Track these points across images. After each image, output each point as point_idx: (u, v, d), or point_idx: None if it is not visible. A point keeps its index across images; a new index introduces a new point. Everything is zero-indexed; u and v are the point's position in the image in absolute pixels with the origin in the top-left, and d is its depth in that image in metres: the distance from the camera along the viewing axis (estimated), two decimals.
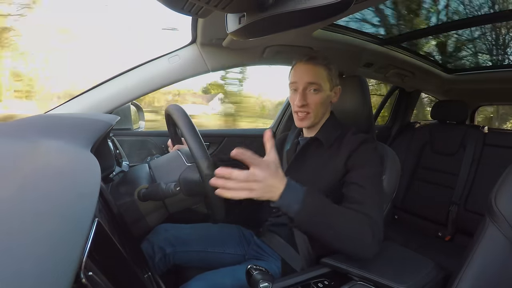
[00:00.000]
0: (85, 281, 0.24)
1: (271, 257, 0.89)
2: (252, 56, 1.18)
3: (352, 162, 0.79)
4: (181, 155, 0.81)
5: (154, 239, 0.91)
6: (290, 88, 0.89)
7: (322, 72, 0.84)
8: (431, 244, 1.56)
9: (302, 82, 0.84)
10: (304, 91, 0.84)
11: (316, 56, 0.86)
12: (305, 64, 0.85)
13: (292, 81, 0.87)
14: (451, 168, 1.71)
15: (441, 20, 1.35)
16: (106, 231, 0.34)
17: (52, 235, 0.22)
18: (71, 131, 0.56)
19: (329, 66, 0.86)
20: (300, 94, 0.83)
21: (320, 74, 0.84)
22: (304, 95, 0.84)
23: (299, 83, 0.84)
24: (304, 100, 0.83)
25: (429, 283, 0.66)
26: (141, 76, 1.06)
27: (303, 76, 0.84)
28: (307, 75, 0.84)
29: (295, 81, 0.85)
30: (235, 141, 1.51)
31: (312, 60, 0.85)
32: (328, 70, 0.85)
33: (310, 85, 0.83)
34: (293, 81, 0.86)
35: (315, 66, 0.84)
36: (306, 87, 0.84)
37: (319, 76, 0.84)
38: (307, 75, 0.84)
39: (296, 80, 0.85)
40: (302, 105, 0.83)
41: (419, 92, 2.13)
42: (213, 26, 0.93)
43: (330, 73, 0.86)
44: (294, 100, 0.85)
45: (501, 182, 0.65)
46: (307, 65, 0.85)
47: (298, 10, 0.37)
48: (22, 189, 0.26)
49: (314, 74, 0.83)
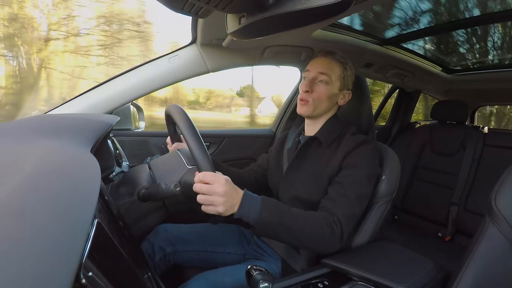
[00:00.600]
0: (85, 281, 0.24)
1: (271, 257, 0.89)
2: (252, 56, 1.18)
3: (346, 162, 0.80)
4: (181, 155, 0.81)
5: (154, 239, 0.91)
6: (302, 77, 0.90)
7: (336, 68, 0.86)
8: (431, 244, 1.56)
9: (314, 71, 0.86)
10: (312, 80, 0.85)
11: (336, 52, 0.88)
12: (323, 57, 0.87)
13: (305, 70, 0.88)
14: (451, 168, 1.71)
15: (441, 20, 1.35)
16: (106, 231, 0.34)
17: (52, 235, 0.22)
18: (71, 131, 0.56)
19: (345, 65, 0.87)
20: (308, 81, 0.85)
21: (334, 69, 0.85)
22: (311, 83, 0.85)
23: (311, 72, 0.86)
24: (310, 87, 0.85)
25: (429, 283, 0.66)
26: (141, 76, 1.06)
27: (316, 66, 0.86)
28: (321, 65, 0.85)
29: (308, 70, 0.87)
30: (235, 141, 1.50)
31: (330, 54, 0.87)
32: (343, 69, 0.87)
33: (320, 75, 0.85)
34: (306, 69, 0.88)
35: (331, 61, 0.86)
36: (316, 77, 0.85)
37: (331, 70, 0.85)
38: (321, 66, 0.85)
39: (309, 68, 0.87)
40: (306, 90, 0.85)
41: (419, 92, 2.13)
42: (213, 26, 0.93)
43: (345, 73, 0.87)
44: (302, 86, 0.87)
45: (501, 182, 0.65)
46: (325, 58, 0.87)
47: (298, 10, 0.37)
48: (22, 189, 0.26)
49: (327, 66, 0.85)
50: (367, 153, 0.80)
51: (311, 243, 0.72)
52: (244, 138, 1.55)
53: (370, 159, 0.81)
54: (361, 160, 0.79)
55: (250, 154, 1.53)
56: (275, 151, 1.03)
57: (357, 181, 0.77)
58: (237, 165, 1.13)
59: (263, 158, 1.10)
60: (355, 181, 0.77)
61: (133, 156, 1.25)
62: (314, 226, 0.70)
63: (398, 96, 2.16)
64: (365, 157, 0.80)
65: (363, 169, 0.78)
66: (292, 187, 0.87)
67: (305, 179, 0.85)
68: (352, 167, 0.78)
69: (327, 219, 0.72)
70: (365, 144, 0.81)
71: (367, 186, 0.79)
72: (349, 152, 0.80)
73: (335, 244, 0.72)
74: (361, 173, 0.78)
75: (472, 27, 1.38)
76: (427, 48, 1.69)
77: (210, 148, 1.44)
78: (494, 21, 1.29)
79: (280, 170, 0.95)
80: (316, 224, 0.70)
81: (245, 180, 1.03)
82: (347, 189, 0.76)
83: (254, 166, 1.09)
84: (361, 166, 0.78)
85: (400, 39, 1.44)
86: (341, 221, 0.72)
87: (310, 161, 0.87)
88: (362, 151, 0.80)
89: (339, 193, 0.76)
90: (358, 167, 0.78)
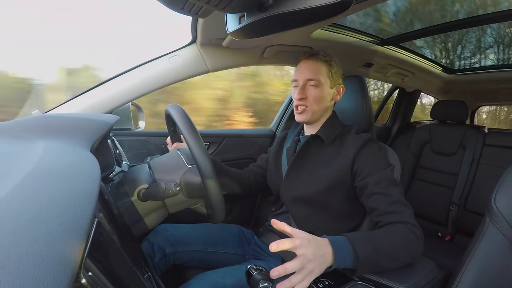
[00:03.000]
0: (85, 281, 0.24)
1: (271, 257, 0.89)
2: (252, 56, 1.18)
3: (361, 165, 0.78)
4: (181, 155, 0.81)
5: (154, 239, 0.91)
6: (292, 86, 0.90)
7: (322, 68, 0.85)
8: (431, 244, 1.56)
9: (302, 79, 0.85)
10: (303, 86, 0.85)
11: (318, 52, 0.87)
12: (306, 61, 0.87)
13: (293, 79, 0.88)
14: (451, 168, 1.71)
15: (441, 20, 1.35)
16: (106, 231, 0.33)
17: (52, 235, 0.22)
18: (71, 131, 0.56)
19: (330, 62, 0.86)
20: (299, 88, 0.85)
21: (320, 70, 0.85)
22: (303, 89, 0.85)
23: (299, 81, 0.86)
24: (303, 93, 0.85)
25: (429, 283, 0.66)
26: (141, 76, 1.06)
27: (303, 73, 0.85)
28: (307, 71, 0.85)
29: (296, 79, 0.87)
30: (235, 141, 1.50)
31: (312, 56, 0.86)
32: (329, 67, 0.86)
33: (309, 81, 0.84)
34: (294, 79, 0.88)
35: (315, 62, 0.85)
36: (306, 83, 0.85)
37: (318, 72, 0.84)
38: (307, 72, 0.85)
39: (297, 77, 0.87)
40: (300, 98, 0.85)
41: (419, 92, 2.13)
42: (213, 26, 0.93)
43: (331, 70, 0.86)
44: (294, 95, 0.87)
45: (501, 182, 0.65)
46: (308, 61, 0.86)
47: (298, 10, 0.37)
48: (21, 189, 0.26)
49: (313, 70, 0.84)
50: (378, 151, 0.81)
51: (408, 256, 0.67)
52: (244, 138, 1.54)
53: (383, 155, 0.82)
54: (377, 160, 0.79)
55: (250, 154, 1.53)
56: (274, 150, 1.03)
57: (389, 182, 0.75)
58: (237, 165, 1.13)
59: (262, 159, 1.10)
60: (388, 184, 0.74)
61: (133, 156, 1.25)
62: (404, 238, 0.66)
63: (398, 96, 2.16)
64: (379, 155, 0.80)
65: (384, 167, 0.77)
66: (294, 186, 0.87)
67: (307, 178, 0.85)
68: (375, 170, 0.76)
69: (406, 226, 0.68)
70: (373, 142, 0.82)
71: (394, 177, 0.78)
72: (358, 152, 0.80)
73: (422, 246, 0.68)
74: (387, 172, 0.77)
75: (472, 27, 1.38)
76: (427, 48, 1.69)
77: (210, 148, 1.44)
78: (494, 21, 1.29)
79: (279, 170, 0.95)
80: (404, 236, 0.66)
81: (245, 181, 1.03)
82: (390, 196, 0.72)
83: (253, 167, 1.09)
84: (381, 166, 0.77)
85: (400, 39, 1.44)
86: (413, 223, 0.69)
87: (311, 159, 0.87)
88: (373, 151, 0.80)
89: (388, 203, 0.72)
90: (379, 168, 0.77)
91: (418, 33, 1.40)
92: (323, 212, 0.84)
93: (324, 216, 0.84)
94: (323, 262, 0.56)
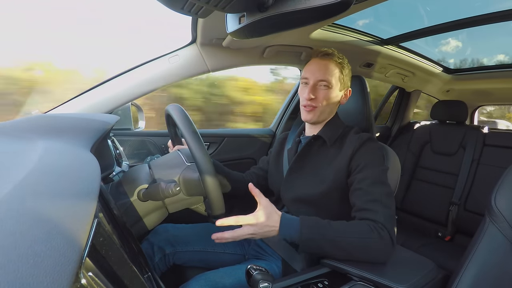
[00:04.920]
0: (85, 281, 0.24)
1: (271, 257, 0.89)
2: (252, 56, 1.18)
3: (356, 163, 0.78)
4: (181, 155, 0.81)
5: (154, 239, 0.91)
6: (301, 82, 0.88)
7: (335, 71, 0.84)
8: (431, 244, 1.56)
9: (314, 78, 0.83)
10: (314, 86, 0.84)
11: (332, 53, 0.85)
12: (320, 60, 0.85)
13: (303, 76, 0.86)
14: (451, 168, 1.71)
15: (441, 20, 1.35)
16: (106, 231, 0.33)
17: (52, 235, 0.22)
18: (71, 131, 0.56)
19: (343, 65, 0.85)
20: (310, 88, 0.84)
21: (333, 72, 0.84)
22: (314, 89, 0.84)
23: (310, 79, 0.84)
24: (314, 93, 0.83)
25: (429, 283, 0.66)
26: (141, 76, 1.06)
27: (315, 73, 0.84)
28: (319, 72, 0.83)
29: (307, 77, 0.85)
30: (235, 141, 1.50)
31: (327, 56, 0.84)
32: (341, 69, 0.85)
33: (321, 82, 0.83)
34: (304, 76, 0.86)
35: (329, 63, 0.84)
36: (317, 83, 0.84)
37: (331, 74, 0.83)
38: (319, 72, 0.83)
39: (308, 76, 0.85)
40: (310, 98, 0.83)
41: (419, 92, 2.13)
42: (213, 26, 0.93)
43: (343, 73, 0.86)
44: (303, 93, 0.85)
45: (501, 182, 0.65)
46: (322, 61, 0.84)
47: (298, 10, 0.37)
48: (22, 189, 0.26)
49: (326, 71, 0.83)
50: (375, 150, 0.80)
51: (361, 253, 0.67)
52: (244, 138, 1.54)
53: (379, 155, 0.81)
54: (372, 158, 0.78)
55: (250, 154, 1.53)
56: (274, 152, 1.03)
57: (375, 181, 0.74)
58: (237, 164, 1.13)
59: (263, 161, 1.10)
60: (374, 182, 0.73)
61: (133, 156, 1.25)
62: (360, 234, 0.67)
63: (398, 96, 2.16)
64: (374, 154, 0.79)
65: (377, 167, 0.76)
66: (294, 187, 0.86)
67: (308, 179, 0.85)
68: (366, 168, 0.76)
69: (371, 225, 0.68)
70: (371, 142, 0.81)
71: (387, 181, 0.77)
72: (357, 150, 0.79)
73: (387, 249, 0.67)
74: (377, 171, 0.75)
75: (472, 27, 1.38)
76: (427, 48, 1.69)
77: (210, 148, 1.44)
78: (494, 21, 1.29)
79: (280, 171, 0.95)
80: (362, 232, 0.67)
81: (246, 184, 1.03)
82: (371, 194, 0.72)
83: (255, 169, 1.09)
84: (374, 164, 0.76)
85: (400, 39, 1.44)
86: (385, 225, 0.68)
87: (313, 160, 0.87)
88: (370, 149, 0.79)
89: (367, 200, 0.72)
90: (371, 166, 0.76)
91: (418, 33, 1.40)
92: (323, 213, 0.84)
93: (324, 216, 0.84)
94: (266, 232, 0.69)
